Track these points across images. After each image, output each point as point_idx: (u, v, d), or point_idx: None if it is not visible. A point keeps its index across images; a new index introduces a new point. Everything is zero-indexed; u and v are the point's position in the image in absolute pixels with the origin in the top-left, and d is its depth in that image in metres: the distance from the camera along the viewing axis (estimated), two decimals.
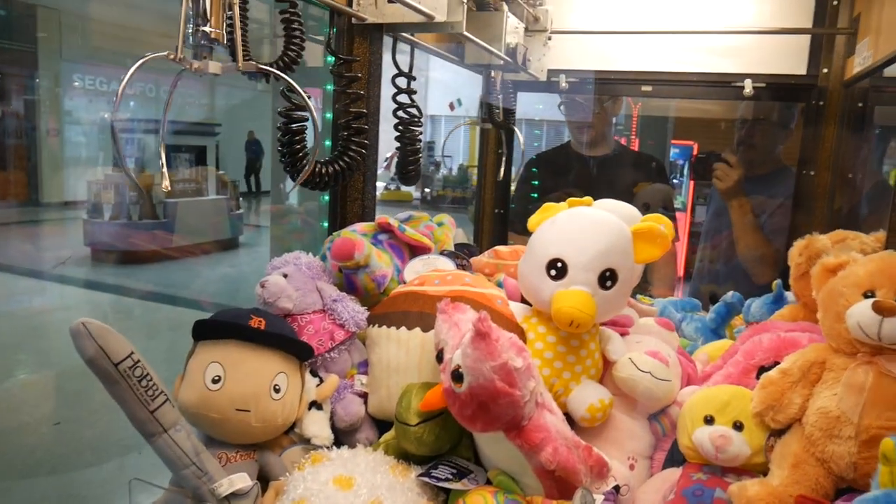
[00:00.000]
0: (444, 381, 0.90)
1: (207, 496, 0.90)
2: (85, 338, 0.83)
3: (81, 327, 0.83)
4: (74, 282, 8.04)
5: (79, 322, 0.84)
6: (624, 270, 1.07)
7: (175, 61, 0.99)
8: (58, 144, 13.23)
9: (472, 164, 14.14)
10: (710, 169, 2.28)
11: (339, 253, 1.15)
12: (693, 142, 6.82)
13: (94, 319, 0.85)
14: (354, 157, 1.21)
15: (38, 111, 13.34)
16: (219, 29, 1.01)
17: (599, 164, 2.51)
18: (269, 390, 0.98)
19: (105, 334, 0.84)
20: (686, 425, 1.04)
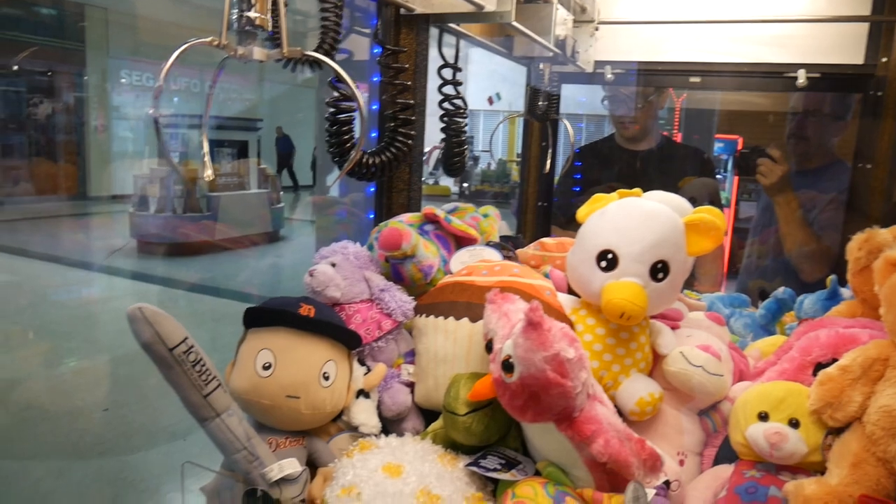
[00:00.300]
0: (494, 371, 0.90)
1: (258, 480, 0.91)
2: (141, 322, 0.84)
3: (138, 312, 0.85)
4: (121, 273, 8.25)
5: (135, 307, 0.85)
6: (676, 262, 1.05)
7: (219, 47, 0.99)
8: (105, 139, 13.57)
9: (511, 158, 14.10)
10: (754, 164, 2.23)
11: (386, 243, 1.15)
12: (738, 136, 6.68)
13: (148, 306, 0.87)
14: (401, 147, 1.21)
15: (87, 107, 13.70)
16: (263, 14, 1.00)
17: (644, 157, 2.48)
18: (318, 378, 0.99)
19: (160, 319, 0.86)
20: (739, 421, 1.02)
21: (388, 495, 0.85)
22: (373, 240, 1.25)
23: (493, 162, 14.78)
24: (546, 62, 2.03)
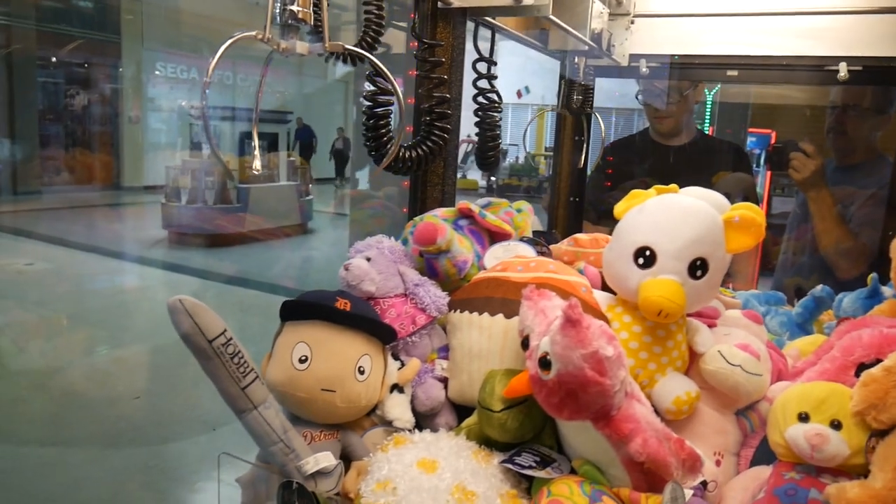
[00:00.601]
0: (531, 367, 0.89)
1: (294, 473, 0.92)
2: (181, 314, 0.85)
3: (178, 303, 0.86)
4: (153, 263, 8.39)
5: (175, 298, 0.86)
6: (715, 260, 1.03)
7: (263, 41, 0.99)
8: (139, 131, 13.78)
9: (539, 152, 14.02)
10: (786, 159, 2.18)
11: (421, 237, 1.15)
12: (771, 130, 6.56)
13: (188, 298, 0.88)
14: (437, 141, 1.21)
15: (121, 99, 13.91)
16: (306, 8, 1.01)
17: (678, 152, 2.44)
18: (354, 371, 0.99)
19: (200, 311, 0.87)
20: (778, 422, 1.00)
21: (424, 490, 0.85)
22: (407, 234, 1.25)
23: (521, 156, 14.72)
24: (581, 55, 2.01)
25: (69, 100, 13.81)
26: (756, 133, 6.97)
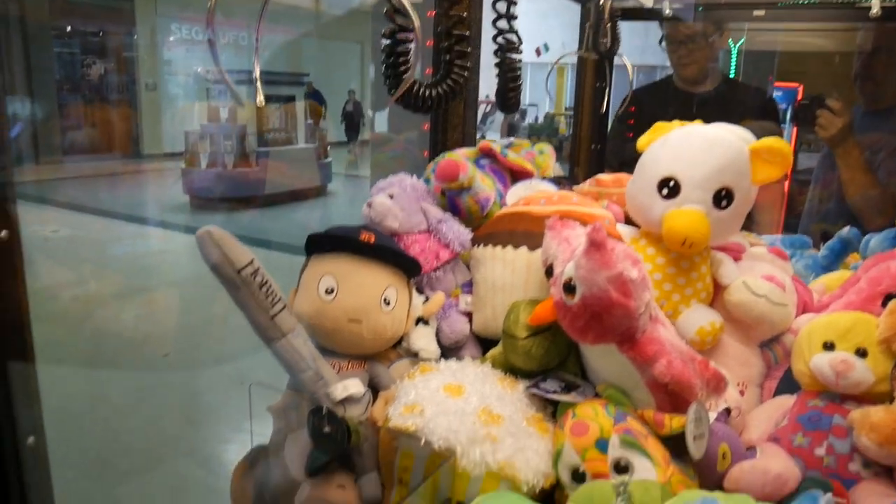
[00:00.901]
0: (555, 294, 0.90)
1: (323, 399, 0.94)
2: (209, 244, 0.87)
3: (206, 235, 0.87)
4: (175, 227, 8.47)
5: (204, 230, 0.87)
6: (740, 190, 1.03)
7: None
8: (156, 98, 13.78)
9: (559, 111, 13.87)
10: (813, 116, 2.14)
11: (443, 174, 1.16)
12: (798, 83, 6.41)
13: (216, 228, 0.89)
14: (457, 80, 1.20)
15: (137, 66, 13.89)
16: None
17: (703, 99, 2.40)
18: (379, 303, 1.00)
19: (227, 241, 0.88)
20: (803, 351, 1.00)
21: (451, 413, 0.86)
22: (429, 173, 1.26)
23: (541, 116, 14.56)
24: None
25: (86, 69, 13.83)
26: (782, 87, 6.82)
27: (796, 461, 0.91)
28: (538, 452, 0.86)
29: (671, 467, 0.83)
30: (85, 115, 13.50)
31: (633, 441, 0.82)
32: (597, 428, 0.84)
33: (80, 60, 13.79)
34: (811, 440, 0.93)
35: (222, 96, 9.99)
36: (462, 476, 0.84)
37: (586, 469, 0.83)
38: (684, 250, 1.02)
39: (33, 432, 0.68)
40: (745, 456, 0.92)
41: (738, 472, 0.87)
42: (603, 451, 0.83)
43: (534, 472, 0.84)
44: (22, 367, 0.65)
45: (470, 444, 0.84)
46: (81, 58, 13.80)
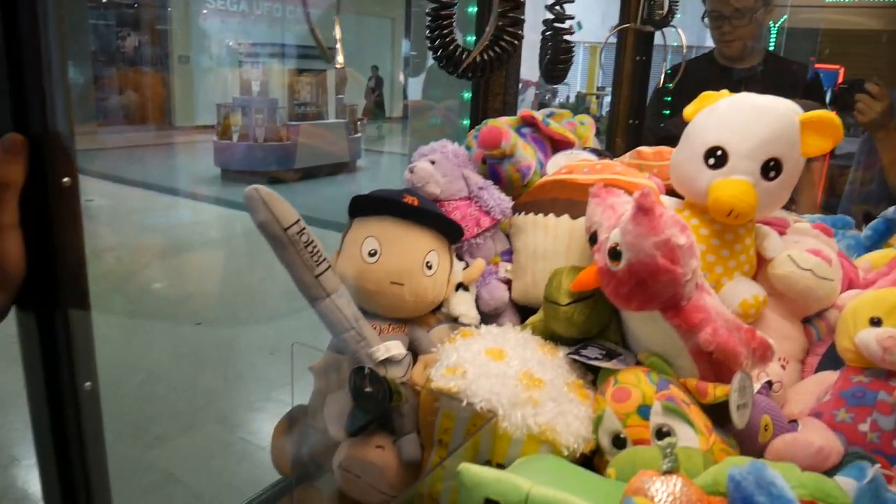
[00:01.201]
0: (599, 260, 0.89)
1: (365, 360, 0.95)
2: (257, 202, 0.88)
3: (254, 192, 0.88)
4: (206, 199, 8.57)
5: (252, 188, 0.88)
6: (789, 161, 1.01)
7: None
8: (189, 70, 13.87)
9: (591, 91, 13.70)
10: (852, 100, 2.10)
11: (486, 141, 1.15)
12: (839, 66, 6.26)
13: (263, 187, 0.89)
14: (506, 47, 1.19)
15: (171, 38, 13.97)
16: None
17: (745, 76, 2.36)
18: (422, 266, 1.01)
19: (274, 200, 0.89)
20: (848, 327, 0.99)
21: (493, 375, 0.87)
22: (470, 140, 1.25)
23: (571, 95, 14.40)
24: None
25: (120, 41, 13.95)
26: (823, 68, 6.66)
27: (839, 436, 0.90)
28: (578, 417, 0.87)
29: (713, 436, 0.83)
30: (119, 86, 13.64)
31: (675, 408, 0.82)
32: (639, 394, 0.84)
33: (115, 32, 13.91)
34: (854, 416, 0.92)
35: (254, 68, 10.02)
36: (503, 438, 0.84)
37: (627, 435, 0.84)
38: (730, 221, 1.01)
39: (89, 378, 0.70)
40: (787, 429, 0.91)
41: (781, 443, 0.86)
42: (645, 418, 0.83)
43: (574, 436, 0.85)
44: (80, 314, 0.67)
45: (511, 406, 0.84)
46: (116, 30, 13.92)
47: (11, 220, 0.61)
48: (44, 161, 0.60)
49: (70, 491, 0.73)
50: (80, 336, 0.67)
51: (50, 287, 0.64)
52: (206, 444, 3.21)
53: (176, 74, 13.88)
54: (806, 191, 2.31)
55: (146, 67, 14.10)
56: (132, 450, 3.03)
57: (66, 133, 0.61)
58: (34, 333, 0.67)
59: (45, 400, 0.69)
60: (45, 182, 0.61)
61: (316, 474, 1.06)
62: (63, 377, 0.67)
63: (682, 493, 0.61)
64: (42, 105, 0.58)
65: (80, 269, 0.66)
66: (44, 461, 0.73)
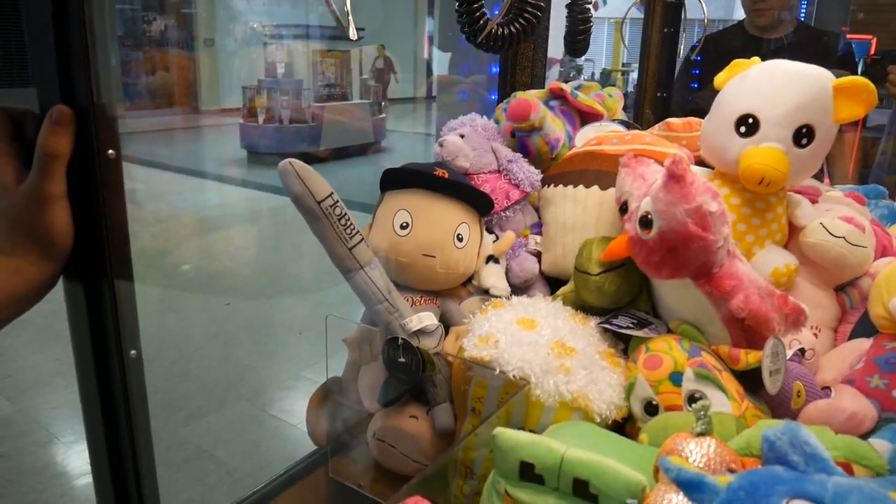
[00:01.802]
0: (630, 229, 0.90)
1: (398, 330, 0.96)
2: (292, 176, 0.89)
3: (288, 166, 0.89)
4: (232, 181, 8.66)
5: (286, 161, 0.90)
6: (822, 128, 1.00)
7: None
8: (214, 53, 13.93)
9: (616, 67, 13.52)
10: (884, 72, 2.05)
11: (515, 113, 1.15)
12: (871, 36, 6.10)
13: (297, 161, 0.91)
14: (530, 19, 1.19)
15: (196, 22, 14.02)
16: None
17: (776, 46, 2.32)
18: (453, 238, 1.02)
19: (308, 174, 0.90)
20: (882, 294, 0.98)
21: (525, 344, 0.88)
22: (499, 113, 1.25)
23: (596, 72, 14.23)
24: None
25: (147, 25, 14.03)
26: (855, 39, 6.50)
27: (872, 402, 0.90)
28: (610, 385, 0.87)
29: (746, 402, 0.84)
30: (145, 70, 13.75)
31: (707, 374, 0.82)
32: (671, 361, 0.85)
33: (141, 16, 14.00)
34: (888, 382, 0.91)
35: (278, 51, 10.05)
36: (535, 405, 0.86)
37: (659, 402, 0.84)
38: (761, 189, 1.00)
39: (134, 346, 0.72)
40: (820, 395, 0.91)
41: (814, 409, 0.86)
42: (677, 385, 0.84)
43: (606, 403, 0.86)
44: (125, 283, 0.69)
45: (544, 374, 0.85)
46: (142, 14, 14.00)
47: (60, 191, 0.63)
48: (90, 134, 0.62)
49: (118, 456, 0.76)
50: (126, 305, 0.69)
51: (97, 257, 0.66)
52: (238, 421, 3.27)
53: (201, 58, 13.95)
54: (838, 162, 2.28)
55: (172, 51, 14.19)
56: (166, 426, 3.11)
57: (111, 107, 0.63)
58: (82, 302, 0.69)
59: (92, 367, 0.72)
60: (92, 154, 0.63)
61: (351, 445, 1.08)
62: (110, 345, 0.70)
63: (716, 454, 0.61)
64: (88, 79, 0.60)
65: (125, 239, 0.68)
66: (91, 427, 0.76)
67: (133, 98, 12.95)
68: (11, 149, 0.66)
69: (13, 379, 3.46)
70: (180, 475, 2.85)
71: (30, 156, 0.64)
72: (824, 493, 0.49)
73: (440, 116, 5.95)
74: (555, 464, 0.64)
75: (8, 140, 0.66)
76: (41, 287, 0.66)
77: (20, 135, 0.66)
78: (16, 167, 0.65)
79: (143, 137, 11.07)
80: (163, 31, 14.17)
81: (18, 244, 0.64)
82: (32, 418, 3.18)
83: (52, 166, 0.62)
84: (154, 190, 7.88)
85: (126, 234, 0.68)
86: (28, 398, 3.32)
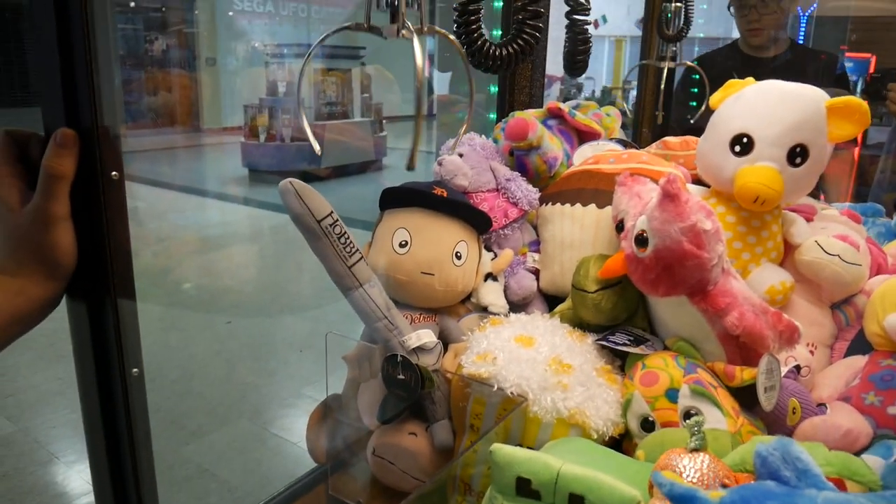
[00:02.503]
0: (626, 247, 0.91)
1: (397, 347, 0.97)
2: (291, 195, 0.90)
3: (289, 185, 0.91)
4: (234, 199, 8.68)
5: (286, 181, 0.91)
6: (816, 148, 1.01)
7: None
8: (215, 73, 14.02)
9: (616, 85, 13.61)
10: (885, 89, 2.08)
11: (513, 132, 1.17)
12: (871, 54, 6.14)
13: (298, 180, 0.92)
14: (529, 40, 1.20)
15: (197, 41, 14.14)
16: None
17: (770, 66, 2.35)
18: (451, 256, 1.03)
19: (308, 193, 0.91)
20: (877, 312, 0.99)
21: (523, 361, 0.89)
22: (497, 132, 1.27)
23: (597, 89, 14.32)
24: None
25: (148, 45, 14.14)
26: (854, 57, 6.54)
27: (868, 420, 0.91)
28: (607, 401, 0.88)
29: (741, 419, 0.84)
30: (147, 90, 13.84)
31: (703, 391, 0.83)
32: (667, 378, 0.85)
33: (143, 36, 14.12)
34: (883, 399, 0.92)
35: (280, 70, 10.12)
36: (533, 422, 0.87)
37: (656, 418, 0.85)
38: (756, 208, 1.01)
39: (136, 364, 0.73)
40: (815, 412, 0.92)
41: (809, 426, 0.87)
42: (673, 401, 0.85)
43: (603, 420, 0.86)
44: (127, 302, 0.70)
45: (541, 391, 0.86)
46: (144, 34, 14.12)
47: (64, 212, 0.64)
48: (94, 155, 0.64)
49: (119, 474, 0.77)
50: (128, 323, 0.70)
51: (100, 276, 0.67)
52: (239, 440, 3.27)
53: (203, 77, 14.04)
54: (835, 181, 2.30)
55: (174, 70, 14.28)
56: (168, 444, 3.10)
57: (114, 129, 0.64)
58: (84, 321, 0.71)
59: (95, 385, 0.73)
60: (95, 175, 0.64)
61: (350, 462, 1.09)
62: (112, 363, 0.71)
63: (710, 470, 0.62)
64: (92, 102, 0.62)
65: (127, 259, 0.69)
66: (93, 444, 0.76)
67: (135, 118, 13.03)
68: (17, 171, 0.67)
69: (14, 398, 3.46)
70: (182, 494, 2.84)
71: (34, 177, 0.65)
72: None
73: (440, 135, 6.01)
74: (551, 479, 0.65)
75: (13, 162, 0.67)
76: (45, 306, 0.67)
77: (26, 157, 0.68)
78: (21, 189, 0.66)
79: (145, 156, 11.12)
80: (164, 50, 14.28)
81: (23, 264, 0.65)
82: (33, 438, 3.17)
83: (56, 187, 0.63)
84: (156, 208, 7.90)
85: (129, 254, 0.70)
86: (29, 417, 3.31)
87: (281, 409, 3.54)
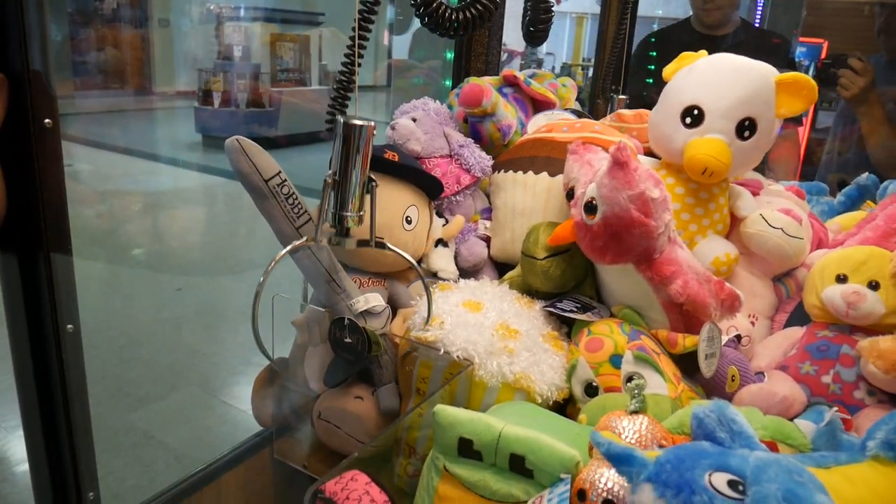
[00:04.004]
0: (576, 214, 0.91)
1: (345, 311, 0.96)
2: (238, 152, 0.88)
3: (235, 143, 0.88)
4: (187, 165, 8.47)
5: (233, 138, 0.89)
6: (764, 121, 1.03)
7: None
8: (168, 34, 13.59)
9: (576, 62, 13.63)
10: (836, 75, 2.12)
11: (467, 98, 1.16)
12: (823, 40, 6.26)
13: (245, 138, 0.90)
14: (487, 4, 1.19)
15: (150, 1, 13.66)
16: None
17: (721, 43, 2.37)
18: (401, 221, 1.02)
19: (256, 152, 0.89)
20: (815, 284, 1.02)
21: (470, 325, 0.89)
22: (452, 99, 1.26)
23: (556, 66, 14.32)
24: None
25: (98, 3, 13.60)
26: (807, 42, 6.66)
27: (803, 388, 0.94)
28: (553, 367, 0.89)
29: (682, 385, 0.86)
30: (97, 50, 13.33)
31: (646, 357, 0.85)
32: (611, 344, 0.87)
33: None
34: (818, 368, 0.95)
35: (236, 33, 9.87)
36: (479, 386, 0.87)
37: (599, 383, 0.86)
38: (704, 179, 1.03)
39: (71, 321, 0.71)
40: (754, 380, 0.95)
41: (746, 393, 0.89)
42: (616, 367, 0.86)
43: (548, 384, 0.87)
44: (62, 257, 0.68)
45: (487, 355, 0.86)
46: None
47: None
48: (25, 102, 0.61)
49: (54, 435, 0.74)
50: (63, 277, 0.68)
51: (33, 227, 0.65)
52: (187, 407, 3.22)
53: (155, 38, 13.58)
54: (783, 162, 2.34)
55: (125, 31, 13.78)
56: (115, 411, 3.04)
57: (46, 75, 0.61)
58: (16, 274, 0.68)
59: (27, 342, 0.71)
60: (27, 122, 0.61)
61: (296, 425, 1.08)
62: (45, 318, 0.68)
63: (648, 431, 0.63)
64: (23, 45, 0.59)
65: (62, 210, 0.66)
66: (26, 403, 0.74)
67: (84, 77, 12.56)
68: None
69: None
70: (127, 461, 2.79)
71: None
72: (745, 466, 0.51)
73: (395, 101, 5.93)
74: (492, 440, 0.65)
75: None
76: None
77: None
78: None
79: (93, 118, 10.76)
80: (115, 9, 13.75)
81: None
82: None
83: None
84: (103, 172, 7.67)
85: (64, 206, 0.67)
86: None
87: (230, 375, 3.50)
